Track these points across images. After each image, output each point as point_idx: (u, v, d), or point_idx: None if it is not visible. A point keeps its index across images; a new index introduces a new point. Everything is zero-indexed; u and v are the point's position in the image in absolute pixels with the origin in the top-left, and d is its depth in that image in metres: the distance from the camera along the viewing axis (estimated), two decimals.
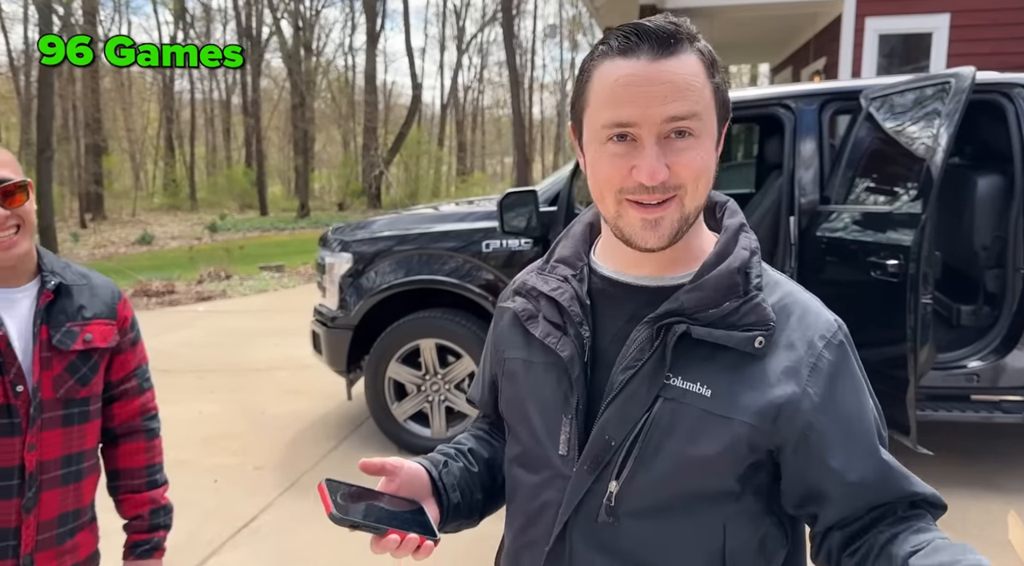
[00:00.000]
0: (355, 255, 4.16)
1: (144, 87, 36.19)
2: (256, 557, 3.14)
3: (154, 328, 7.79)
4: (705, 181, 0.84)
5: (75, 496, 1.42)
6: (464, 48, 39.26)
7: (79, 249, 19.64)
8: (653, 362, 0.86)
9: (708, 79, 0.82)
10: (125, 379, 1.54)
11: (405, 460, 0.98)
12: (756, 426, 0.83)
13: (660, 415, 0.85)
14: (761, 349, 0.84)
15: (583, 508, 0.89)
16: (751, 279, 0.87)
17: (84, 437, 1.43)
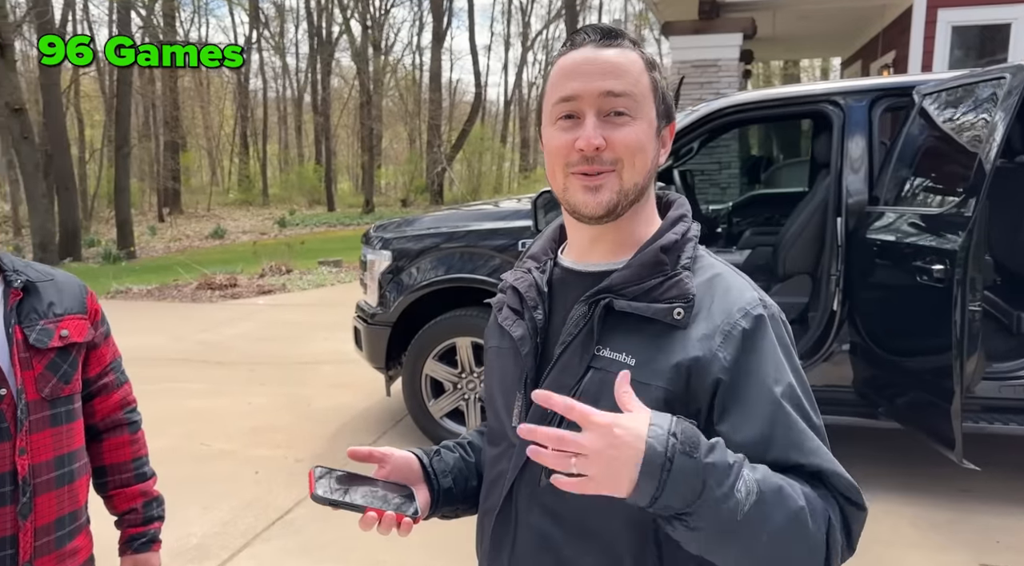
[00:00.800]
0: (395, 252, 4.20)
1: (221, 86, 37.51)
2: (288, 549, 3.21)
3: (214, 321, 8.06)
4: (642, 159, 0.93)
5: (70, 498, 1.39)
6: (529, 45, 39.27)
7: (155, 242, 20.53)
8: (583, 335, 0.94)
9: (647, 71, 0.95)
10: (103, 374, 1.51)
11: (395, 449, 1.07)
12: (671, 389, 0.89)
13: (590, 384, 0.92)
14: (681, 320, 0.90)
15: (526, 474, 0.98)
16: (680, 260, 0.95)
17: (72, 437, 1.40)
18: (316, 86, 32.49)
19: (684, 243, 0.96)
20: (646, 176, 0.95)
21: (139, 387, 5.61)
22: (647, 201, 1.00)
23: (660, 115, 0.97)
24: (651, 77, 0.95)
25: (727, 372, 0.88)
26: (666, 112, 0.98)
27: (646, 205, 0.99)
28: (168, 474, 3.91)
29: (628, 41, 0.96)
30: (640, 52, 0.96)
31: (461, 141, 28.66)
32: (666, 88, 0.98)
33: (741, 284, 0.95)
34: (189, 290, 9.88)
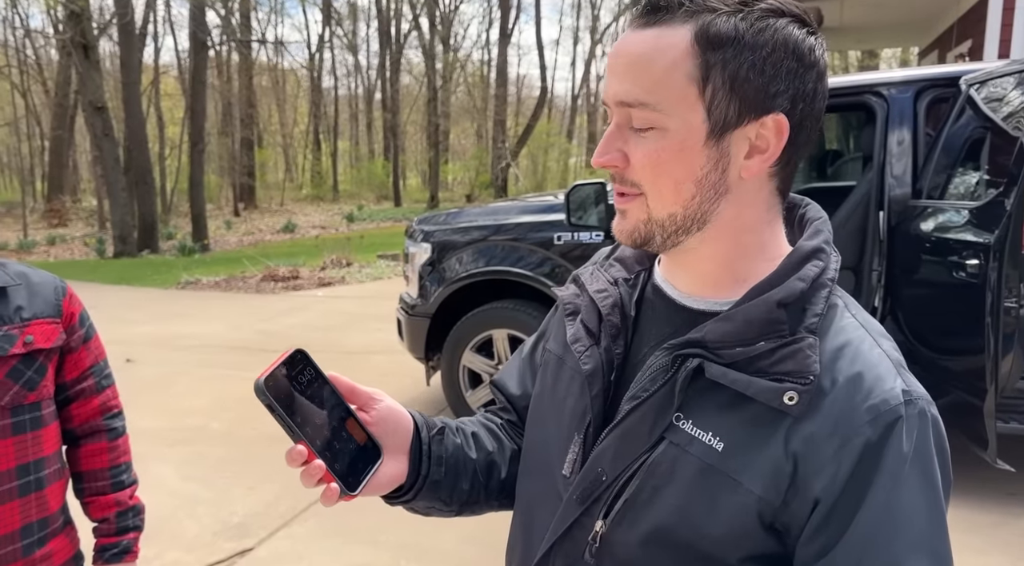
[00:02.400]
0: (435, 245, 4.28)
1: (296, 84, 38.63)
2: (322, 531, 3.32)
3: (273, 311, 8.35)
4: (669, 183, 0.70)
5: (39, 506, 1.35)
6: (598, 38, 38.99)
7: (229, 236, 21.30)
8: (661, 396, 0.72)
9: (695, 55, 0.67)
10: (80, 378, 1.46)
11: (391, 401, 0.85)
12: (764, 498, 0.67)
13: (660, 460, 0.72)
14: (793, 406, 0.66)
15: (569, 539, 0.79)
16: (805, 318, 0.69)
17: (40, 444, 1.35)
18: (386, 83, 33.10)
19: (813, 294, 0.70)
20: (691, 202, 0.71)
21: (199, 372, 5.91)
22: (738, 228, 0.74)
23: (720, 114, 0.68)
24: (701, 62, 0.67)
25: (829, 494, 0.66)
26: (744, 107, 0.68)
27: (738, 234, 0.74)
28: (219, 455, 4.14)
29: (681, 12, 0.68)
30: (695, 25, 0.67)
31: (526, 136, 28.72)
32: (744, 68, 0.67)
33: (878, 363, 0.68)
34: (254, 281, 10.26)
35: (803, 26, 0.69)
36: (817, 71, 0.70)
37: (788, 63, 0.68)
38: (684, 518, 0.70)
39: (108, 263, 14.52)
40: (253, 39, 29.84)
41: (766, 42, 0.67)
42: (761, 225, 0.75)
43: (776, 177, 0.74)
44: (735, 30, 0.67)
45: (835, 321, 0.71)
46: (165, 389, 5.37)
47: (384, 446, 0.81)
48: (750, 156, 0.70)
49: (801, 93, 0.69)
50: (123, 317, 7.89)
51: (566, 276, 3.98)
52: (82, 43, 15.10)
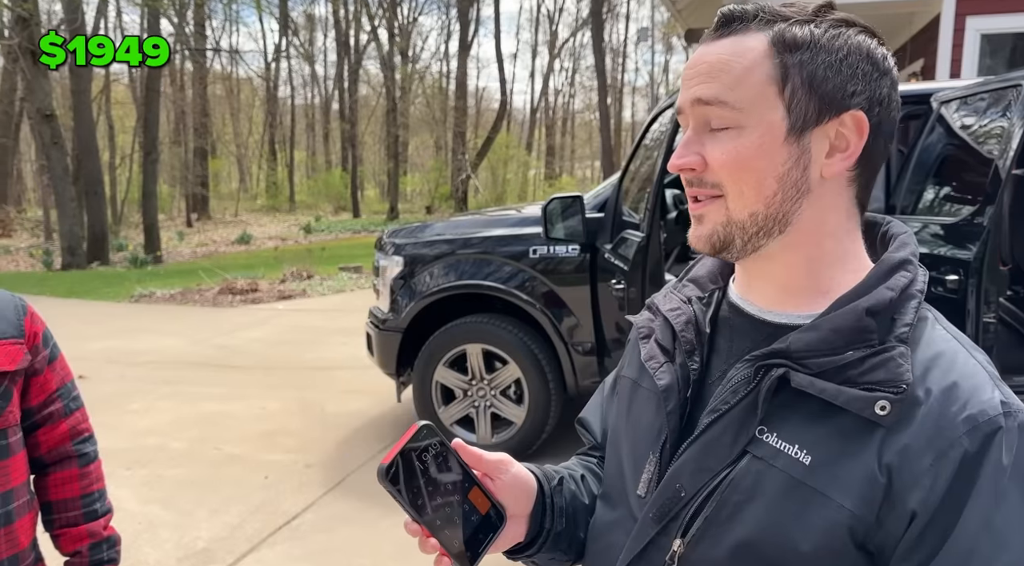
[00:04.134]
0: (406, 258, 4.20)
1: (251, 93, 38.09)
2: (293, 556, 3.20)
3: (232, 325, 8.13)
4: (752, 181, 0.70)
5: (7, 541, 1.26)
6: (556, 52, 39.34)
7: (183, 247, 20.80)
8: (743, 408, 0.71)
9: (772, 56, 0.69)
10: (47, 402, 1.37)
11: (515, 462, 0.83)
12: (856, 514, 0.65)
13: (743, 475, 0.70)
14: (886, 416, 0.64)
15: (644, 561, 0.76)
16: (895, 327, 0.68)
17: (8, 474, 1.26)
18: (343, 94, 32.84)
19: (903, 304, 0.69)
20: (773, 200, 0.70)
21: (157, 389, 5.72)
22: (820, 234, 0.73)
23: (801, 112, 0.69)
24: (781, 64, 0.69)
25: (926, 507, 0.63)
26: (823, 104, 0.69)
27: (820, 240, 0.73)
28: (180, 477, 3.97)
29: (756, 22, 0.70)
30: (771, 31, 0.70)
31: (486, 148, 28.76)
32: (821, 68, 0.69)
33: (974, 374, 0.67)
34: (211, 294, 9.99)
35: (873, 37, 0.72)
36: (891, 79, 0.72)
37: (863, 66, 0.70)
38: (770, 536, 0.68)
39: (56, 276, 14.02)
40: (208, 48, 29.33)
41: (841, 46, 0.69)
42: (842, 232, 0.74)
43: (855, 184, 0.74)
44: (810, 35, 0.69)
45: (926, 331, 0.70)
46: (121, 407, 5.15)
47: (508, 512, 0.80)
48: (831, 155, 0.71)
49: (877, 96, 0.71)
50: (75, 332, 7.58)
51: (541, 290, 3.96)
52: (30, 49, 14.61)
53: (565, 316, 3.95)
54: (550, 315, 3.95)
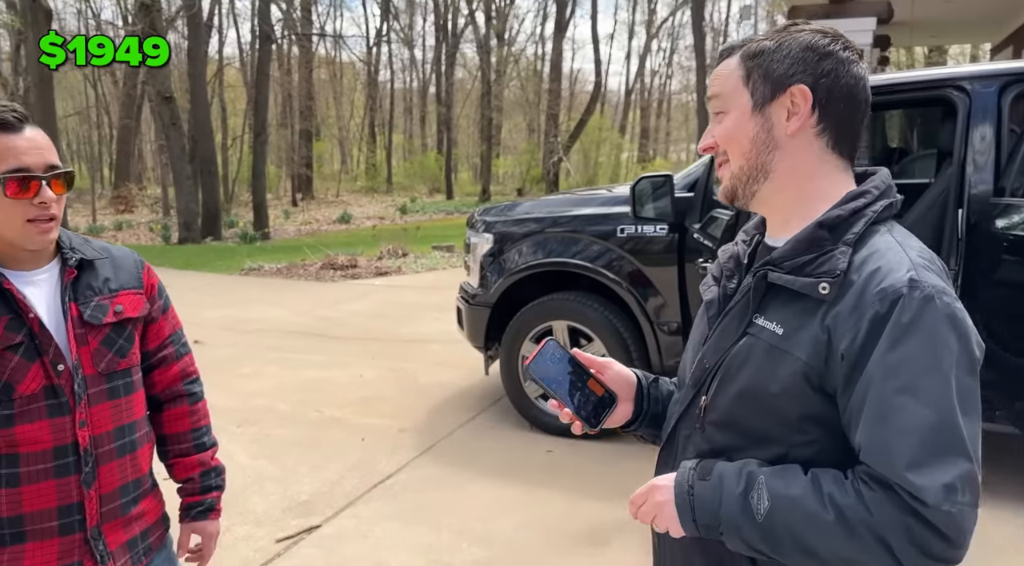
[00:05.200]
0: (496, 236, 4.32)
1: (353, 78, 39.20)
2: (386, 512, 3.40)
3: (333, 298, 8.53)
4: (737, 144, 1.02)
5: (133, 466, 1.44)
6: (654, 32, 38.57)
7: (288, 225, 21.78)
8: (743, 304, 1.03)
9: (741, 65, 1.02)
10: (161, 346, 1.55)
11: (617, 363, 1.20)
12: (809, 363, 0.93)
13: (741, 348, 1.01)
14: (827, 295, 0.92)
15: (686, 417, 1.10)
16: (844, 235, 0.95)
17: (132, 408, 1.44)
18: (440, 77, 33.34)
19: (853, 219, 0.96)
20: (751, 155, 1.01)
21: (265, 355, 6.08)
22: (797, 178, 1.01)
23: (759, 94, 1.00)
24: (745, 68, 1.02)
25: (850, 353, 0.90)
26: (773, 86, 0.99)
27: (797, 182, 1.01)
28: (285, 436, 4.26)
29: (736, 49, 1.05)
30: (741, 53, 1.03)
31: (578, 131, 28.61)
32: (770, 64, 0.99)
33: (895, 262, 0.91)
34: (314, 269, 10.49)
35: (822, 35, 1.00)
36: (835, 59, 0.98)
37: (804, 54, 0.99)
38: (754, 384, 0.98)
39: (174, 249, 15.01)
40: (313, 33, 30.36)
41: (783, 47, 1.00)
42: (817, 174, 1.01)
43: (824, 134, 1.00)
44: (762, 47, 1.02)
45: (873, 237, 0.96)
46: (233, 371, 5.54)
47: (618, 395, 1.16)
48: (788, 118, 1.00)
49: (821, 72, 0.98)
50: (192, 301, 8.14)
51: (627, 269, 3.99)
52: (152, 34, 15.59)
53: (651, 295, 3.98)
54: (636, 294, 3.99)
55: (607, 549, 3.05)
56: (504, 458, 3.96)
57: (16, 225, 1.29)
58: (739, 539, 0.95)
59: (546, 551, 3.04)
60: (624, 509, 1.15)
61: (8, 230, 1.30)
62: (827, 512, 0.89)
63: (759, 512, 0.93)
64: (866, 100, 1.01)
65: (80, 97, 32.56)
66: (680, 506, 0.99)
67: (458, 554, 3.02)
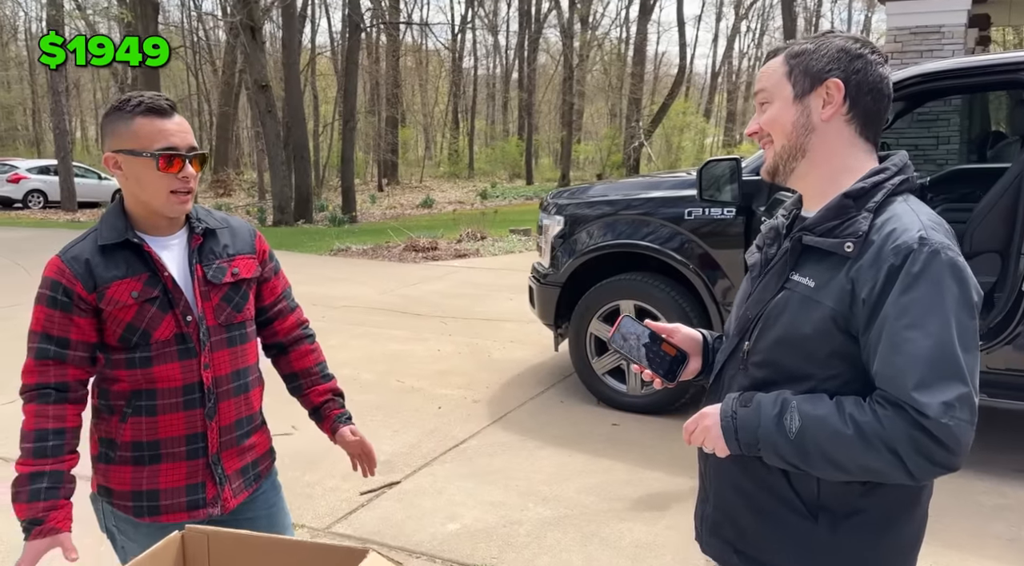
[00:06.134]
0: (567, 218, 4.50)
1: (438, 65, 39.81)
2: (460, 473, 3.67)
3: (415, 278, 8.91)
4: (779, 128, 1.21)
5: (246, 404, 1.68)
6: (743, 13, 37.54)
7: (374, 209, 22.47)
8: (782, 263, 1.22)
9: (785, 63, 1.21)
10: (277, 301, 1.80)
11: (684, 327, 1.41)
12: (836, 309, 1.11)
13: (780, 300, 1.19)
14: (851, 252, 1.11)
15: (732, 359, 1.29)
16: (866, 203, 1.14)
17: (246, 355, 1.68)
18: (523, 63, 33.49)
19: (874, 190, 1.14)
20: (792, 137, 1.19)
21: (351, 329, 6.49)
22: (829, 157, 1.19)
23: (799, 86, 1.19)
24: (788, 65, 1.20)
25: (869, 298, 1.08)
26: (812, 79, 1.18)
27: (830, 160, 1.19)
28: (368, 402, 4.61)
29: (780, 53, 1.24)
30: (785, 53, 1.22)
31: (661, 115, 28.25)
32: (809, 62, 1.19)
33: (909, 224, 1.09)
34: (397, 251, 10.92)
35: (854, 41, 1.20)
36: (864, 60, 1.18)
37: (839, 55, 1.18)
38: (791, 329, 1.17)
39: (268, 230, 15.79)
40: (401, 21, 31.01)
41: (823, 47, 1.20)
42: (848, 154, 1.20)
43: (853, 122, 1.19)
44: (805, 48, 1.22)
45: (892, 205, 1.15)
46: (322, 342, 5.81)
47: (688, 353, 1.37)
48: (824, 106, 1.18)
49: (851, 69, 1.17)
50: None
51: (695, 251, 4.11)
52: (249, 25, 16.34)
53: (719, 278, 4.07)
54: (704, 276, 4.09)
55: (665, 514, 3.22)
56: (571, 429, 4.16)
57: (162, 195, 1.54)
58: (775, 454, 1.14)
59: (607, 514, 3.23)
60: (685, 479, 1.40)
61: (155, 199, 1.55)
62: (847, 428, 1.07)
63: (791, 431, 1.11)
64: (889, 95, 1.19)
65: (183, 86, 34.33)
66: (725, 428, 1.17)
67: (525, 512, 3.25)
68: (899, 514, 1.19)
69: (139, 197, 1.56)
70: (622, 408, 4.38)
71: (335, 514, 3.26)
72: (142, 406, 1.57)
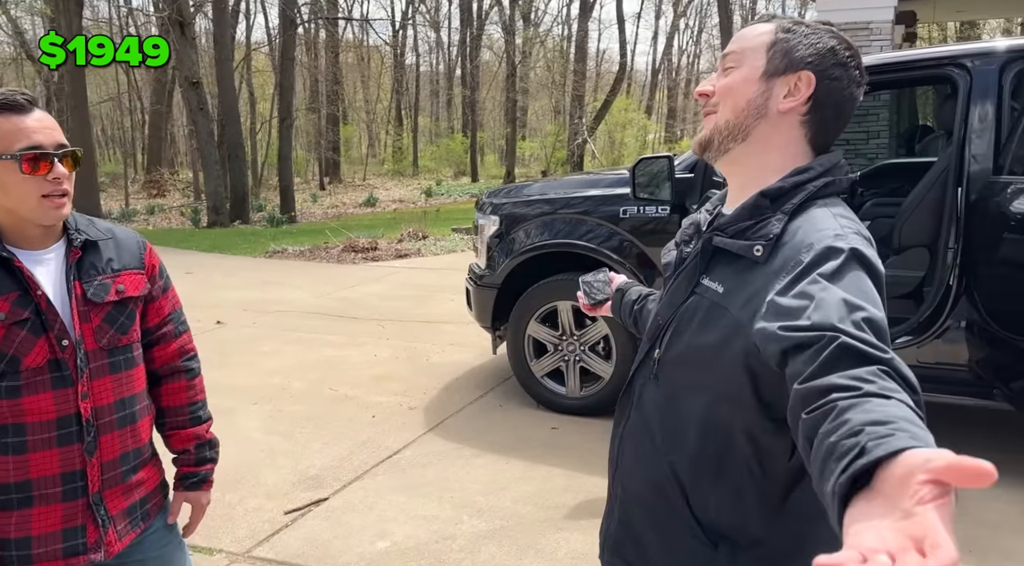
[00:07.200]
0: (503, 217, 4.39)
1: (380, 62, 39.30)
2: (392, 486, 3.51)
3: (353, 280, 8.68)
4: (734, 99, 1.08)
5: (133, 437, 1.52)
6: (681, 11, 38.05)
7: (315, 208, 22.02)
8: (692, 265, 1.12)
9: (772, 34, 1.08)
10: (161, 324, 1.62)
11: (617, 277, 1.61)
12: (738, 317, 1.00)
13: (689, 305, 1.10)
14: (760, 256, 1.01)
15: (643, 369, 1.20)
16: (782, 205, 1.04)
17: (132, 382, 1.51)
18: (466, 60, 33.28)
19: (794, 191, 1.04)
20: (741, 115, 1.06)
21: (284, 335, 6.24)
22: (767, 150, 1.07)
23: (774, 64, 1.06)
24: (773, 38, 1.08)
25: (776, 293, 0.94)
26: (788, 63, 1.06)
27: (766, 154, 1.08)
28: (299, 412, 4.41)
29: (773, 21, 1.12)
30: (776, 23, 1.10)
31: (604, 112, 28.41)
32: (796, 44, 1.06)
33: (824, 224, 0.99)
34: (336, 252, 10.66)
35: (841, 42, 1.08)
36: (845, 70, 1.07)
37: (826, 52, 1.07)
38: (698, 337, 1.07)
39: (203, 232, 15.31)
40: (339, 16, 30.46)
41: (816, 37, 1.07)
42: (786, 152, 1.08)
43: (805, 126, 1.08)
44: (798, 28, 1.09)
45: (811, 208, 1.04)
46: (253, 350, 5.71)
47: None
48: (786, 96, 1.06)
49: (828, 74, 1.06)
50: (216, 282, 8.37)
51: (632, 250, 4.03)
52: (179, 20, 15.81)
53: (656, 277, 4.02)
54: (640, 275, 4.04)
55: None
56: (509, 435, 4.05)
57: (32, 201, 1.36)
58: None
59: (544, 524, 3.13)
60: None
61: (24, 206, 1.37)
62: None
63: None
64: (847, 119, 1.10)
65: (113, 83, 33.10)
66: None
67: (459, 525, 3.13)
68: (804, 546, 1.01)
69: (4, 205, 1.38)
70: (562, 411, 4.29)
71: (256, 536, 3.08)
72: (8, 444, 1.38)
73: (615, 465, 1.25)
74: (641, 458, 1.18)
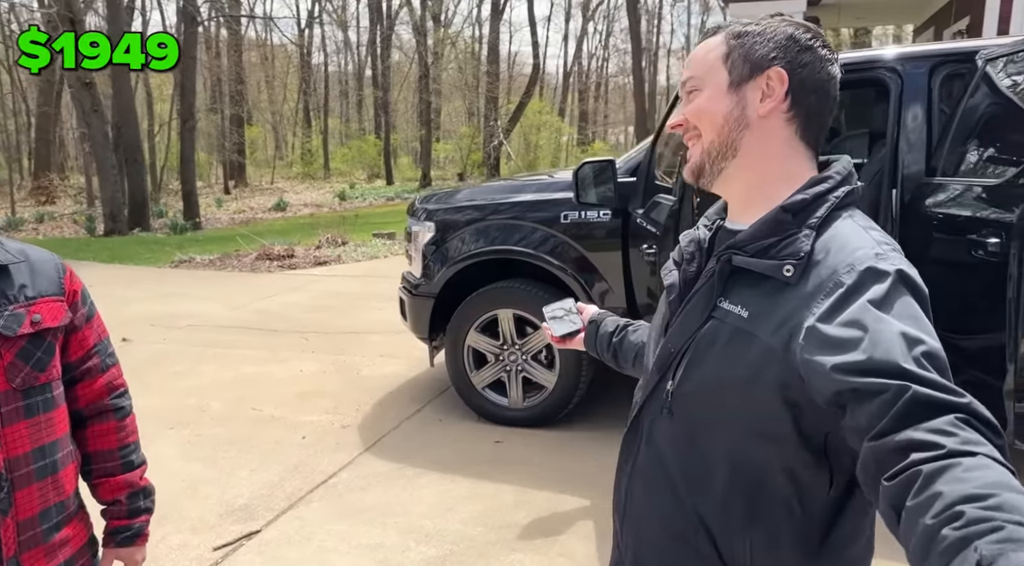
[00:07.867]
0: (438, 224, 4.22)
1: (285, 61, 38.17)
2: (330, 513, 3.29)
3: (270, 290, 8.28)
4: (708, 119, 1.02)
5: (55, 489, 1.32)
6: (590, 15, 38.67)
7: (221, 214, 21.13)
8: (708, 287, 1.02)
9: (722, 45, 1.02)
10: (86, 357, 1.41)
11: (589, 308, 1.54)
12: (769, 344, 0.91)
13: (707, 331, 1.00)
14: (791, 277, 0.92)
15: (652, 402, 1.08)
16: (808, 219, 0.95)
17: (52, 426, 1.31)
18: (376, 60, 32.72)
19: (816, 203, 0.96)
20: (723, 132, 1.00)
21: (198, 352, 5.84)
22: (764, 160, 1.01)
23: (737, 73, 1.00)
24: (728, 46, 1.02)
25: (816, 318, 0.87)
26: (752, 67, 1.00)
27: (764, 164, 1.01)
28: (220, 436, 4.09)
29: (719, 32, 1.05)
30: (725, 33, 1.04)
31: (518, 114, 28.50)
32: (752, 45, 1.00)
33: (859, 241, 0.91)
34: (249, 260, 10.16)
35: (805, 30, 1.02)
36: (814, 54, 1.00)
37: (787, 43, 1.00)
38: (721, 368, 0.97)
39: (99, 241, 14.37)
40: (242, 14, 29.36)
41: (767, 32, 1.01)
42: (784, 158, 1.01)
43: (793, 122, 1.01)
44: (749, 29, 1.03)
45: (837, 221, 0.96)
46: (163, 369, 5.31)
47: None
48: (763, 99, 1.00)
49: (798, 62, 1.00)
50: (118, 296, 7.80)
51: (572, 255, 3.95)
52: (68, 17, 14.80)
53: (596, 281, 3.95)
54: (581, 280, 3.95)
55: (557, 540, 3.02)
56: (451, 451, 3.88)
57: None
58: None
59: (496, 546, 2.99)
60: (575, 498, 1.16)
61: None
62: None
63: None
64: (835, 98, 1.02)
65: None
66: None
67: (407, 553, 2.94)
68: None
69: None
70: (505, 423, 4.15)
71: None
72: None
73: (622, 511, 1.14)
74: (656, 503, 1.07)
